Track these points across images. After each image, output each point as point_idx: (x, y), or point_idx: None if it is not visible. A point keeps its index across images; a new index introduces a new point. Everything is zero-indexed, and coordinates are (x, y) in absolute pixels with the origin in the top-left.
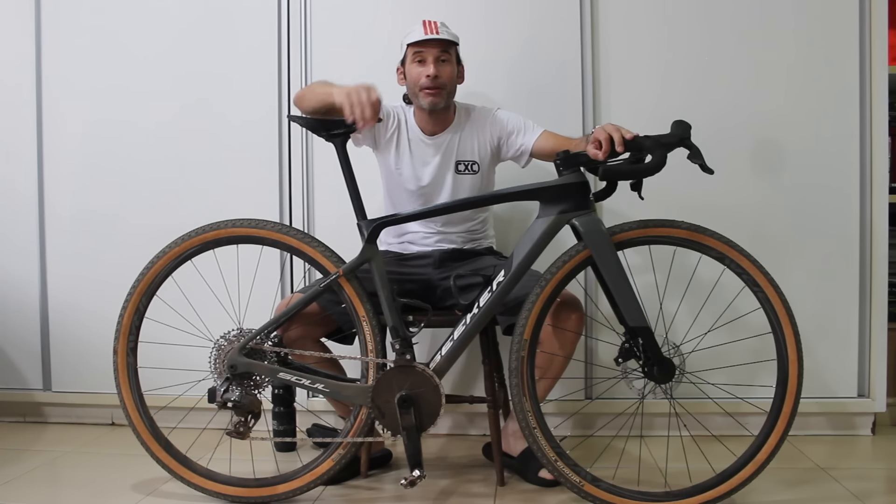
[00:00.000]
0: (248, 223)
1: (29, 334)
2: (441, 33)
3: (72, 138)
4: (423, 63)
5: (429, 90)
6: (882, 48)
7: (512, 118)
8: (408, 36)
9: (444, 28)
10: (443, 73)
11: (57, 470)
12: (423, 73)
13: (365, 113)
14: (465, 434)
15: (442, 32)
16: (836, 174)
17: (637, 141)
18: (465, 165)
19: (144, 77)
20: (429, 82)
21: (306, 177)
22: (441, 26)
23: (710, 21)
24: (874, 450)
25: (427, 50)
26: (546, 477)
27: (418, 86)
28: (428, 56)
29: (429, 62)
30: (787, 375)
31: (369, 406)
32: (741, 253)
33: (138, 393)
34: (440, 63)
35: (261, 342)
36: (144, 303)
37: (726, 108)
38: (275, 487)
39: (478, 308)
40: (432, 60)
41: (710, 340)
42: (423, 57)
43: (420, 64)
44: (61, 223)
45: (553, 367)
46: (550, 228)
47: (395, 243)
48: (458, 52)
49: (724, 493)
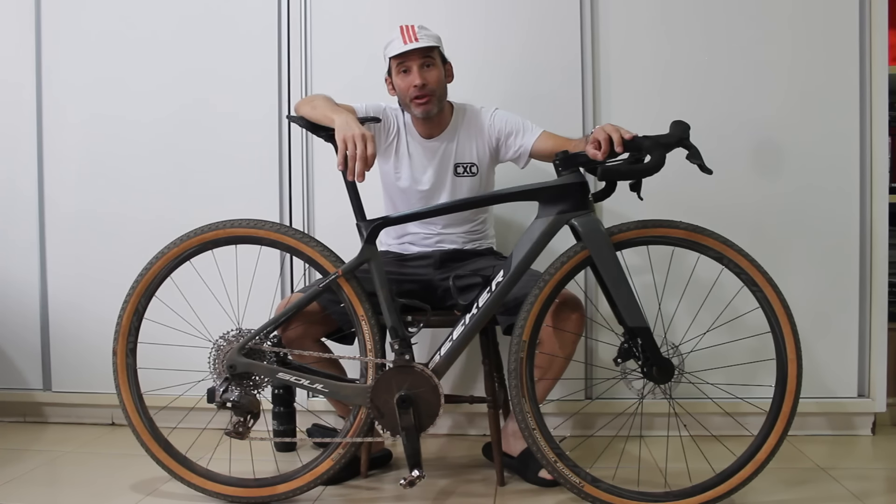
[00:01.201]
0: (247, 223)
1: (29, 334)
2: (420, 39)
3: (72, 139)
4: (409, 72)
5: (419, 99)
6: (882, 48)
7: (510, 119)
8: (388, 47)
9: (423, 31)
10: (430, 78)
11: (57, 470)
12: (409, 83)
13: (358, 167)
14: (464, 434)
15: (421, 38)
16: (836, 174)
17: (636, 141)
18: (463, 168)
19: (143, 76)
20: (417, 91)
21: (306, 177)
22: (419, 30)
23: (710, 21)
24: (874, 450)
25: (410, 59)
26: (546, 477)
27: (408, 96)
28: (412, 65)
29: (413, 71)
30: (786, 375)
31: (368, 406)
32: (739, 252)
33: (138, 394)
34: (425, 69)
35: (260, 342)
36: (143, 304)
37: (726, 108)
38: (274, 487)
39: (477, 308)
40: (416, 69)
41: (708, 340)
42: (406, 67)
43: (405, 74)
44: (61, 223)
45: (553, 367)
46: (549, 229)
47: (395, 244)
48: (441, 53)
49: (724, 493)
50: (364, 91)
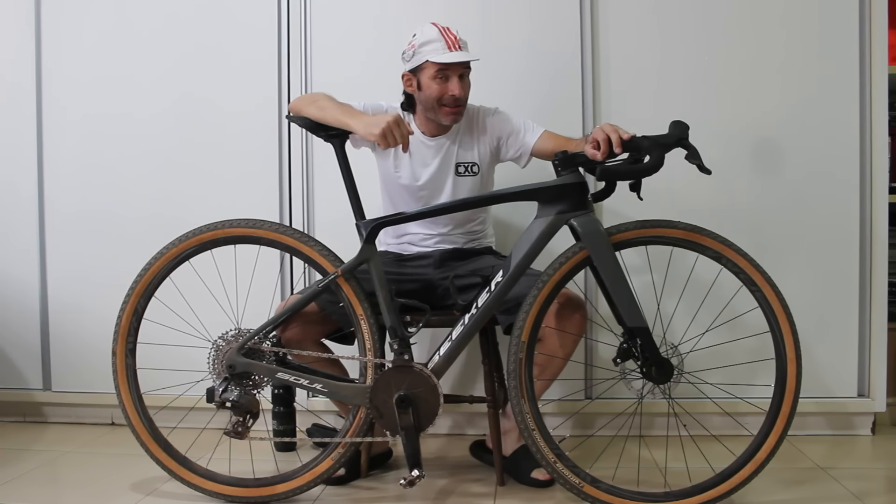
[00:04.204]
0: (246, 223)
1: (29, 334)
2: (463, 48)
3: (71, 138)
4: (447, 80)
5: (452, 109)
6: (882, 48)
7: (511, 118)
8: (426, 47)
9: (464, 43)
10: (464, 90)
11: (57, 470)
12: (446, 90)
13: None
14: (464, 434)
15: (464, 48)
16: (836, 174)
17: (635, 141)
18: (465, 167)
19: (143, 76)
20: (453, 101)
21: (306, 177)
22: (462, 41)
23: (710, 21)
24: (874, 450)
25: (453, 69)
26: (538, 477)
27: (440, 102)
28: (453, 75)
29: (454, 81)
30: (786, 375)
31: (367, 406)
32: (738, 252)
33: (137, 394)
34: (462, 80)
35: (259, 342)
36: (143, 304)
37: (725, 108)
38: (274, 487)
39: (476, 308)
40: (457, 79)
41: (708, 340)
42: (447, 75)
43: (443, 81)
44: (61, 223)
45: (551, 366)
46: (549, 229)
47: (395, 244)
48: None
49: (724, 493)
50: (365, 88)
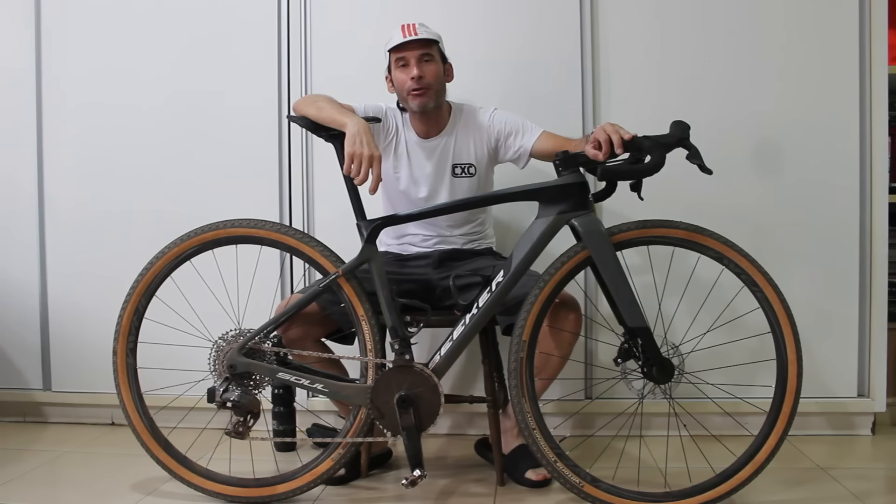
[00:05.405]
0: (247, 223)
1: (29, 334)
2: (419, 33)
3: (71, 134)
4: (407, 66)
5: (415, 91)
6: (882, 48)
7: (510, 119)
8: (388, 42)
9: (423, 28)
10: (427, 72)
11: (57, 470)
12: (407, 76)
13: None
14: (464, 434)
15: (420, 32)
16: (836, 174)
17: (636, 141)
18: (461, 169)
19: (142, 74)
20: (414, 84)
21: (306, 177)
22: (420, 27)
23: (709, 21)
24: (874, 450)
25: (408, 53)
26: (532, 478)
27: (405, 90)
28: (410, 59)
29: (412, 64)
30: (787, 375)
31: (368, 406)
32: (739, 252)
33: (138, 393)
34: (423, 63)
35: (260, 342)
36: (143, 303)
37: (725, 108)
38: (274, 487)
39: (477, 308)
40: (415, 62)
41: (709, 340)
42: (405, 61)
43: (404, 68)
44: (61, 222)
45: (548, 367)
46: (550, 229)
47: (395, 244)
48: (441, 50)
49: (724, 493)
50: (363, 87)
